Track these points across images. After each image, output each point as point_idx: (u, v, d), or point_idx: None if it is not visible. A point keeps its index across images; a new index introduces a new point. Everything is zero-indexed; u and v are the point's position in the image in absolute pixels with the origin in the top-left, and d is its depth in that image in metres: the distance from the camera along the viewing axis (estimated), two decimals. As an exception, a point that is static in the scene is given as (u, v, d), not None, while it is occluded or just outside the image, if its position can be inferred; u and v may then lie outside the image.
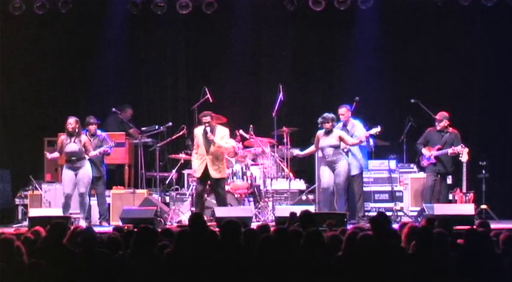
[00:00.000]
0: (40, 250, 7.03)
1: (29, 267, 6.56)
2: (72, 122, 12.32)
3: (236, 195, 12.86)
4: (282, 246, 6.71)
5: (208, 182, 12.25)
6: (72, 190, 12.27)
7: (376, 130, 12.73)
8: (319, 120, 12.35)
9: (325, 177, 12.35)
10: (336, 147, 12.29)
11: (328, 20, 14.92)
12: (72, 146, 12.27)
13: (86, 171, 12.33)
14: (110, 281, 6.73)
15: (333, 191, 12.30)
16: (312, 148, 12.62)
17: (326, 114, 12.35)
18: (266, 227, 8.24)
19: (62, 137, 12.40)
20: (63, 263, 6.74)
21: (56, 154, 12.59)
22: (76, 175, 12.27)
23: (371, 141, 12.97)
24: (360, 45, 14.98)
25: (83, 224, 11.79)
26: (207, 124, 12.13)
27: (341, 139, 12.32)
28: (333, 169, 12.28)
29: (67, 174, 12.30)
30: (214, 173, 12.13)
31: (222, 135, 12.20)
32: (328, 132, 12.31)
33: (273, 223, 11.90)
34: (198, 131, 12.29)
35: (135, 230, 7.36)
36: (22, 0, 14.41)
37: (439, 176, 12.88)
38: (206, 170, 12.12)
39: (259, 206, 13.07)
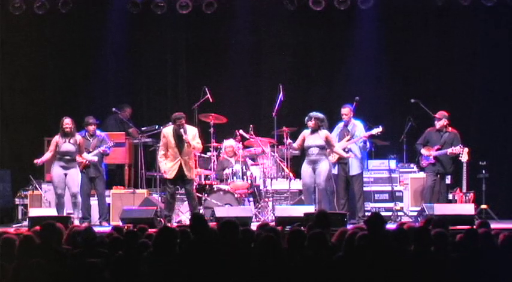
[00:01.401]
0: (35, 251, 6.99)
1: (29, 267, 6.55)
2: (69, 122, 12.37)
3: (236, 195, 12.85)
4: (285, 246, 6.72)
5: (180, 182, 12.21)
6: (64, 190, 12.32)
7: (377, 130, 12.77)
8: (306, 118, 12.33)
9: (306, 177, 12.28)
10: (322, 147, 12.24)
11: (328, 20, 14.92)
12: (68, 146, 12.30)
13: (77, 171, 12.41)
14: (109, 281, 6.73)
15: (314, 190, 12.28)
16: (296, 145, 12.46)
17: (312, 113, 12.30)
18: (266, 225, 8.23)
19: (57, 137, 12.41)
20: (54, 264, 6.71)
21: (46, 156, 12.54)
22: (66, 175, 12.30)
23: (367, 143, 12.96)
24: (360, 45, 14.98)
25: (77, 223, 11.77)
26: (181, 125, 12.04)
27: (327, 141, 12.28)
28: (314, 169, 12.23)
29: (57, 172, 12.32)
30: (189, 174, 12.08)
31: (193, 135, 12.11)
32: (314, 131, 12.27)
33: (273, 223, 11.94)
34: (168, 132, 12.15)
35: (154, 230, 7.33)
36: (22, 0, 14.41)
37: (438, 176, 12.88)
38: (180, 171, 12.04)
39: (259, 206, 13.07)
